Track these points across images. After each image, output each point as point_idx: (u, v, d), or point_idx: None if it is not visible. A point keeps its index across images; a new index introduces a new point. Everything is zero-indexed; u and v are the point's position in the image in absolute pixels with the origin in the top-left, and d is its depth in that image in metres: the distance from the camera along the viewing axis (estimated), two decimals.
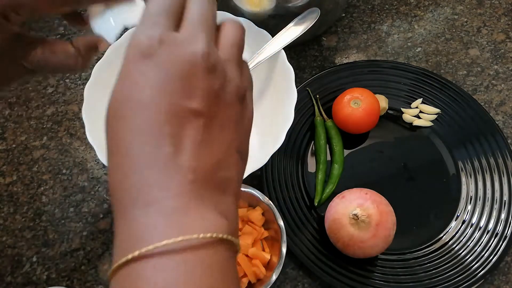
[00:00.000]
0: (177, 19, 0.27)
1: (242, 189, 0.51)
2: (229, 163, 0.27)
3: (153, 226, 0.24)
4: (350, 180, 0.57)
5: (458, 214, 0.55)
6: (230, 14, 0.57)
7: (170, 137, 0.25)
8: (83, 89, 0.53)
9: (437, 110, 0.60)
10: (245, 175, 0.48)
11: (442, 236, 0.54)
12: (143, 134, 0.25)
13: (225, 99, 0.27)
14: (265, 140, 0.52)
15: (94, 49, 0.37)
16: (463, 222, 0.55)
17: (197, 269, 0.24)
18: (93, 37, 0.37)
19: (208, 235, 0.24)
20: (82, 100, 0.52)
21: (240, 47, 0.29)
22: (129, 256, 0.23)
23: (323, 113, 0.60)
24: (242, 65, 0.29)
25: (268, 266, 0.51)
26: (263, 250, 0.52)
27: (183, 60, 0.26)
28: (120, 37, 0.52)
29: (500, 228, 0.54)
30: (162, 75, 0.25)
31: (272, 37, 0.54)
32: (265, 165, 0.51)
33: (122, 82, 0.26)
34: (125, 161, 0.25)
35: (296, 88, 0.52)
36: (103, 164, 0.49)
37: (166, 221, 0.24)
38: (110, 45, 0.39)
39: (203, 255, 0.24)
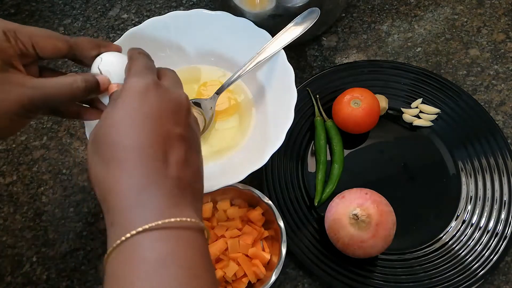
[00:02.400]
0: (156, 75, 0.38)
1: (242, 188, 0.51)
2: (200, 178, 0.37)
3: (149, 215, 0.31)
4: (350, 180, 0.57)
5: (458, 214, 0.55)
6: (231, 14, 0.57)
7: (162, 153, 0.33)
8: None
9: (437, 110, 0.60)
10: (245, 175, 0.48)
11: (442, 236, 0.54)
12: (142, 148, 0.33)
13: (195, 129, 0.38)
14: (265, 140, 0.52)
15: (96, 83, 0.39)
16: (463, 222, 0.55)
17: (184, 243, 0.31)
18: (96, 73, 0.40)
19: (193, 220, 0.32)
20: None
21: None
22: (134, 232, 0.30)
23: (323, 113, 0.60)
24: None
25: (268, 266, 0.51)
26: (263, 250, 0.52)
27: (173, 99, 0.36)
28: None
29: (500, 228, 0.54)
30: (158, 107, 0.34)
31: (272, 37, 0.54)
32: (265, 165, 0.51)
33: (124, 109, 0.34)
34: (124, 169, 0.32)
35: (296, 88, 0.52)
36: None
37: (159, 212, 0.31)
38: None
39: (189, 234, 0.32)
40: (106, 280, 0.31)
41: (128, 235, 0.30)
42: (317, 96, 0.61)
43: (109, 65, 0.40)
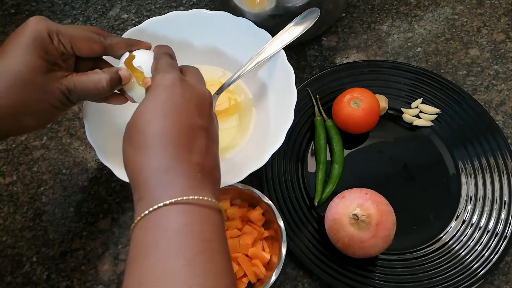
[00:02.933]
0: (180, 71, 0.42)
1: (242, 188, 0.51)
2: (218, 167, 0.40)
3: (173, 192, 0.34)
4: (350, 180, 0.57)
5: (458, 214, 0.55)
6: (231, 14, 0.57)
7: (186, 140, 0.37)
8: None
9: (437, 110, 0.60)
10: (245, 175, 0.48)
11: (442, 236, 0.54)
12: (168, 135, 0.36)
13: (215, 123, 0.42)
14: (265, 140, 0.52)
15: (119, 78, 0.44)
16: (463, 222, 0.55)
17: (203, 219, 0.34)
18: (118, 68, 0.45)
19: (213, 200, 0.35)
20: None
21: None
22: (161, 204, 0.34)
23: (323, 113, 0.60)
24: None
25: (268, 266, 0.51)
26: (263, 250, 0.52)
27: (197, 93, 0.40)
28: None
29: (500, 228, 0.54)
30: (183, 99, 0.38)
31: (272, 37, 0.54)
32: (265, 165, 0.51)
33: (153, 101, 0.38)
34: (152, 152, 0.36)
35: (296, 88, 0.52)
36: (103, 164, 0.49)
37: (182, 190, 0.35)
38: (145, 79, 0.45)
39: (208, 212, 0.35)
40: (131, 246, 0.35)
41: (155, 206, 0.34)
42: (317, 96, 0.61)
43: (142, 62, 0.45)
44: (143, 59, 0.45)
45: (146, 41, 0.48)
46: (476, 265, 0.52)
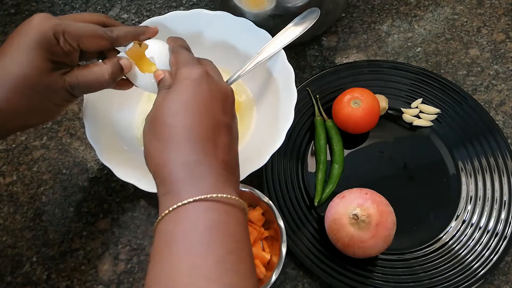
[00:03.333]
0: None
1: (242, 189, 0.51)
2: (238, 165, 0.40)
3: (202, 188, 0.35)
4: (350, 180, 0.57)
5: (458, 214, 0.55)
6: (231, 14, 0.57)
7: (213, 137, 0.37)
8: None
9: (437, 110, 0.60)
10: (245, 175, 0.48)
11: (442, 236, 0.54)
12: (195, 130, 0.36)
13: (236, 120, 0.42)
14: (265, 140, 0.52)
15: (120, 69, 0.44)
16: (463, 222, 0.55)
17: (232, 218, 0.35)
18: (119, 58, 0.44)
19: (239, 199, 0.36)
20: (82, 100, 0.52)
21: None
22: (191, 199, 0.34)
23: (323, 113, 0.60)
24: None
25: (268, 266, 0.51)
26: (263, 250, 0.52)
27: (222, 90, 0.40)
28: None
29: (500, 228, 0.54)
30: (210, 95, 0.38)
31: (272, 37, 0.54)
32: (265, 165, 0.51)
33: (180, 95, 0.38)
34: (181, 146, 0.36)
35: (296, 88, 0.52)
36: (103, 164, 0.49)
37: (211, 187, 0.35)
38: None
39: (236, 211, 0.35)
40: (156, 239, 0.35)
41: (185, 201, 0.34)
42: (317, 96, 0.61)
43: (154, 53, 0.44)
44: (156, 51, 0.44)
45: (153, 27, 0.47)
46: (476, 265, 0.52)
